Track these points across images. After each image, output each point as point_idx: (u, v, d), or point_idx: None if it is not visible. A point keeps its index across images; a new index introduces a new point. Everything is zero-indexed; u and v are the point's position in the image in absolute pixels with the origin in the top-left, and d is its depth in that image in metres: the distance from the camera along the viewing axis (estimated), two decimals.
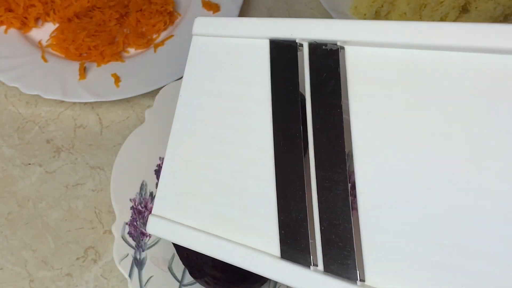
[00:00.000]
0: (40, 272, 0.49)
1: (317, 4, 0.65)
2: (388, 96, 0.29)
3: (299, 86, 0.32)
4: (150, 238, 0.48)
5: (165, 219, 0.36)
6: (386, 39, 0.30)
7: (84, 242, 0.51)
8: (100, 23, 0.62)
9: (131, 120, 0.58)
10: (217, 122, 0.35)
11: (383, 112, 0.29)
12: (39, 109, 0.58)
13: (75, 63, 0.59)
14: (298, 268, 0.30)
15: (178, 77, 0.57)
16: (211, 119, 0.35)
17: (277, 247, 0.31)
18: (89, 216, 0.52)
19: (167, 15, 0.63)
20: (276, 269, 0.31)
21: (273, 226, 0.32)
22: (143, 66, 0.59)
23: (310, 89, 0.32)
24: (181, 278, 0.46)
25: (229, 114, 0.35)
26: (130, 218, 0.49)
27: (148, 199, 0.50)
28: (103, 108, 0.58)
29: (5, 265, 0.50)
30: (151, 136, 0.52)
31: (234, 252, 0.32)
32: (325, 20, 0.32)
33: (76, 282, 0.49)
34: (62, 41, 0.60)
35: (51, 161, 0.55)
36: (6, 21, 0.61)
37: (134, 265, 0.46)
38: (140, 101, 0.59)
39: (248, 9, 0.66)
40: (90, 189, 0.53)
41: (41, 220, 0.52)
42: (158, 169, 0.51)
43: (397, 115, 0.29)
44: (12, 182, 0.54)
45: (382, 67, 0.30)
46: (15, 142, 0.56)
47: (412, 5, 0.59)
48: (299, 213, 0.31)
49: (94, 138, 0.56)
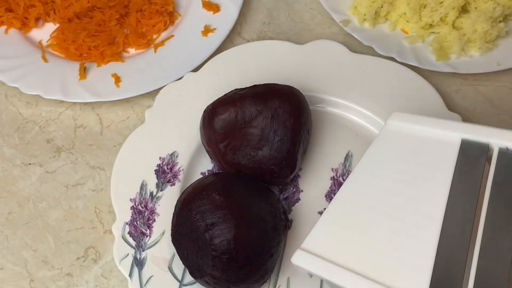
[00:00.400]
0: (41, 272, 0.49)
1: (317, 4, 0.65)
2: None
3: (481, 183, 0.36)
4: (150, 238, 0.48)
5: (314, 255, 0.37)
6: None
7: (84, 242, 0.51)
8: (101, 23, 0.62)
9: (131, 120, 0.58)
10: (393, 190, 0.39)
11: None
12: (39, 109, 0.58)
13: (76, 63, 0.59)
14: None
15: (178, 77, 0.57)
16: (388, 185, 0.40)
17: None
18: (89, 216, 0.52)
19: (167, 15, 0.63)
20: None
21: (425, 277, 0.33)
22: (143, 66, 0.59)
23: (492, 186, 0.35)
24: (181, 278, 0.47)
25: (406, 186, 0.39)
26: (130, 218, 0.49)
27: (148, 199, 0.50)
28: (103, 108, 0.58)
29: (6, 265, 0.50)
30: (151, 136, 0.53)
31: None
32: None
33: (76, 282, 0.49)
34: (63, 41, 0.60)
35: (52, 161, 0.55)
36: (6, 21, 0.61)
37: (134, 265, 0.47)
38: (140, 101, 0.59)
39: (248, 9, 0.66)
40: (91, 189, 0.53)
41: (41, 220, 0.52)
42: (158, 169, 0.51)
43: None
44: (13, 182, 0.54)
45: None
46: (16, 142, 0.56)
47: (411, 5, 0.59)
48: (455, 273, 0.33)
49: (94, 138, 0.56)
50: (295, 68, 0.56)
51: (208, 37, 0.61)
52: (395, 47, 0.59)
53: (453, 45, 0.58)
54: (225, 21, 0.62)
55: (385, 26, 0.62)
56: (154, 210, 0.49)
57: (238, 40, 0.64)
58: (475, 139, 0.39)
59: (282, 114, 0.47)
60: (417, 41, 0.60)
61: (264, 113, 0.47)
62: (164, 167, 0.51)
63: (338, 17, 0.61)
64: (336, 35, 0.63)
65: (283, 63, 0.57)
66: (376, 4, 0.60)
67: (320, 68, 0.56)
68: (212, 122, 0.47)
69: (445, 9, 0.59)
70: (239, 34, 0.64)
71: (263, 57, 0.57)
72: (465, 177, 0.37)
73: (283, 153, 0.47)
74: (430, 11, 0.59)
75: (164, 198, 0.50)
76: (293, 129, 0.47)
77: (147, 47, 0.61)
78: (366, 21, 0.61)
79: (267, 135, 0.47)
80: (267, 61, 0.57)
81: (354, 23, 0.61)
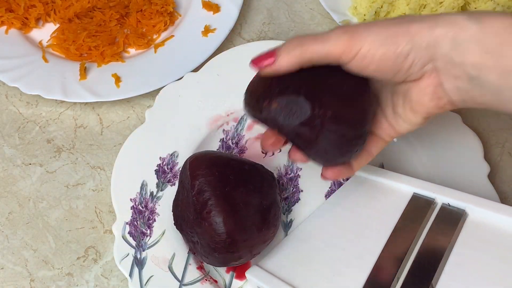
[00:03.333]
0: (41, 272, 0.49)
1: (317, 4, 0.65)
2: (485, 263, 0.39)
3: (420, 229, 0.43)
4: (150, 238, 0.48)
5: (266, 271, 0.45)
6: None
7: (84, 242, 0.51)
8: (101, 24, 0.62)
9: (132, 120, 0.58)
10: (346, 227, 0.46)
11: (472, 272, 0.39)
12: (39, 109, 0.58)
13: (76, 63, 0.59)
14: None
15: (178, 77, 0.57)
16: (343, 223, 0.47)
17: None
18: (89, 216, 0.52)
19: (167, 16, 0.63)
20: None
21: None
22: (143, 66, 0.59)
23: (427, 233, 0.42)
24: (181, 278, 0.47)
25: (357, 225, 0.46)
26: (131, 217, 0.49)
27: (148, 198, 0.50)
28: (104, 108, 0.58)
29: (6, 265, 0.50)
30: (151, 136, 0.53)
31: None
32: (463, 194, 0.44)
33: (76, 282, 0.49)
34: (63, 41, 0.60)
35: (52, 161, 0.55)
36: (7, 22, 0.62)
37: (134, 264, 0.47)
38: (140, 101, 0.59)
39: (248, 9, 0.66)
40: (91, 189, 0.54)
41: (41, 220, 0.52)
42: (158, 169, 0.51)
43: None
44: (13, 182, 0.54)
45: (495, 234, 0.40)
46: (16, 142, 0.56)
47: (411, 6, 0.59)
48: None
49: (94, 138, 0.56)
50: None
51: (208, 37, 0.61)
52: None
53: None
54: (225, 21, 0.62)
55: None
56: (154, 210, 0.49)
57: (238, 40, 0.64)
58: (424, 193, 0.45)
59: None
60: None
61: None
62: (164, 167, 0.51)
63: (338, 17, 0.61)
64: None
65: None
66: (376, 4, 0.60)
67: None
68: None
69: (445, 10, 0.59)
70: (239, 34, 0.64)
71: None
72: (407, 223, 0.44)
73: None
74: (430, 12, 0.59)
75: (164, 198, 0.50)
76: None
77: (147, 47, 0.62)
78: (366, 21, 0.61)
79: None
80: None
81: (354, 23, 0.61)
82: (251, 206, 0.43)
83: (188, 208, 0.44)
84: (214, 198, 0.42)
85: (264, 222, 0.43)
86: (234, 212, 0.42)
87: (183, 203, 0.45)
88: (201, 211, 0.42)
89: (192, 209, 0.43)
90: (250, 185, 0.44)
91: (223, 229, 0.41)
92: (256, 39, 0.64)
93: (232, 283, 0.47)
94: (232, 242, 0.42)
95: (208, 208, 0.42)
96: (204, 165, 0.43)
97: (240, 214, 0.42)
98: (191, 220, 0.44)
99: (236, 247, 0.42)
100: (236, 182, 0.43)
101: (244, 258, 0.44)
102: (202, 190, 0.42)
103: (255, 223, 0.43)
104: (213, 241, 0.42)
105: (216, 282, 0.47)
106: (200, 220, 0.42)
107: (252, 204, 0.43)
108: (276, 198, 0.46)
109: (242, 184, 0.43)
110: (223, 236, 0.41)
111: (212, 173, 0.43)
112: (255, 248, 0.43)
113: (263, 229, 0.43)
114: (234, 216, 0.42)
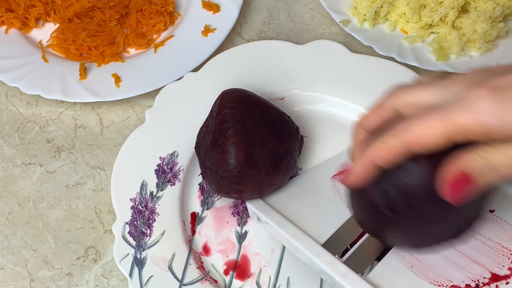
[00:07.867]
0: (41, 272, 0.49)
1: (317, 4, 0.65)
2: None
3: None
4: (150, 238, 0.48)
5: (264, 202, 0.47)
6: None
7: (84, 242, 0.51)
8: (101, 24, 0.62)
9: (132, 120, 0.58)
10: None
11: None
12: (39, 109, 0.58)
13: (76, 63, 0.59)
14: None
15: (178, 77, 0.57)
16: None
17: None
18: (89, 216, 0.52)
19: (167, 16, 0.63)
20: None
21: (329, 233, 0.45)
22: (143, 66, 0.59)
23: None
24: (181, 277, 0.47)
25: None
26: (131, 217, 0.49)
27: (148, 198, 0.50)
28: (104, 108, 0.58)
29: (6, 265, 0.50)
30: (151, 136, 0.53)
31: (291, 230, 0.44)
32: None
33: (76, 282, 0.49)
34: (63, 41, 0.60)
35: (52, 161, 0.55)
36: (6, 22, 0.62)
37: (134, 264, 0.47)
38: (140, 101, 0.59)
39: (248, 9, 0.66)
40: (91, 188, 0.54)
41: (41, 220, 0.52)
42: (158, 169, 0.51)
43: None
44: (13, 182, 0.54)
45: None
46: (16, 142, 0.56)
47: (411, 6, 0.59)
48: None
49: (94, 138, 0.56)
50: (295, 68, 0.56)
51: (208, 37, 0.61)
52: (395, 47, 0.59)
53: (452, 45, 0.58)
54: (225, 21, 0.62)
55: (385, 26, 0.62)
56: (154, 210, 0.49)
57: (238, 40, 0.64)
58: None
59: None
60: (416, 41, 0.60)
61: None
62: (164, 167, 0.51)
63: (338, 17, 0.61)
64: (336, 35, 0.63)
65: (283, 63, 0.57)
66: (376, 4, 0.60)
67: (320, 68, 0.56)
68: None
69: (445, 9, 0.59)
70: (239, 34, 0.64)
71: (263, 57, 0.57)
72: None
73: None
74: (429, 11, 0.59)
75: (164, 198, 0.50)
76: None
77: (147, 47, 0.62)
78: (366, 21, 0.61)
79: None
80: (267, 61, 0.57)
81: (354, 23, 0.61)
82: (267, 148, 0.45)
83: (209, 134, 0.46)
84: (233, 130, 0.44)
85: (275, 166, 0.45)
86: (248, 148, 0.44)
87: (207, 129, 0.47)
88: (218, 138, 0.44)
89: (211, 135, 0.45)
90: (271, 129, 0.46)
91: (233, 159, 0.44)
92: (256, 39, 0.64)
93: (232, 283, 0.47)
94: (239, 175, 0.44)
95: (225, 136, 0.44)
96: (234, 99, 0.46)
97: (253, 151, 0.44)
98: (207, 145, 0.46)
99: (241, 180, 0.44)
100: (259, 122, 0.45)
101: (246, 194, 0.46)
102: (225, 120, 0.45)
103: (265, 165, 0.45)
104: (222, 168, 0.44)
105: (216, 282, 0.47)
106: (215, 146, 0.45)
107: (268, 147, 0.45)
108: (294, 150, 0.47)
109: (264, 126, 0.45)
110: (231, 166, 0.44)
111: (239, 107, 0.45)
112: (259, 188, 0.46)
113: (272, 173, 0.45)
114: (247, 151, 0.44)
